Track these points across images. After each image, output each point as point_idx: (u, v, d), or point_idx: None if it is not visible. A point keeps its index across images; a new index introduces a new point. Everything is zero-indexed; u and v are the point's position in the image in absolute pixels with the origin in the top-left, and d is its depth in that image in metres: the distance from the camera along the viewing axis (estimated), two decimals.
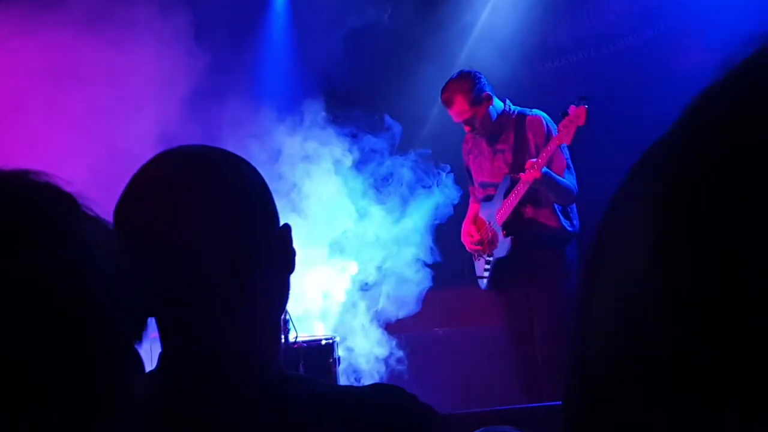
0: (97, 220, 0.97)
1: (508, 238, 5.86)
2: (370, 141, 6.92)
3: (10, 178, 0.93)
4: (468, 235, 6.20)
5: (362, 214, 6.88)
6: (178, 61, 6.98)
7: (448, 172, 6.77)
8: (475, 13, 8.40)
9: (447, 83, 5.88)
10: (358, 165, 6.96)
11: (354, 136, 6.96)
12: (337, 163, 6.92)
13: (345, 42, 7.86)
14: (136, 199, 1.54)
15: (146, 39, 6.94)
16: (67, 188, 0.96)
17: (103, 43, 6.77)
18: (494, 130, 5.90)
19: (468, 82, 5.79)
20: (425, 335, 7.17)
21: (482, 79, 5.85)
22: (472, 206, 6.31)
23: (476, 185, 6.24)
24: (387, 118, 6.97)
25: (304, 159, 7.02)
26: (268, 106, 7.44)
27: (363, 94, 7.71)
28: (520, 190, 5.71)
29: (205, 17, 7.30)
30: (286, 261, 1.63)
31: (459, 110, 5.80)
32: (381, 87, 7.92)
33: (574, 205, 5.84)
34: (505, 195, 5.85)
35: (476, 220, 6.19)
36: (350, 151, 6.93)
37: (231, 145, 6.32)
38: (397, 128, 6.93)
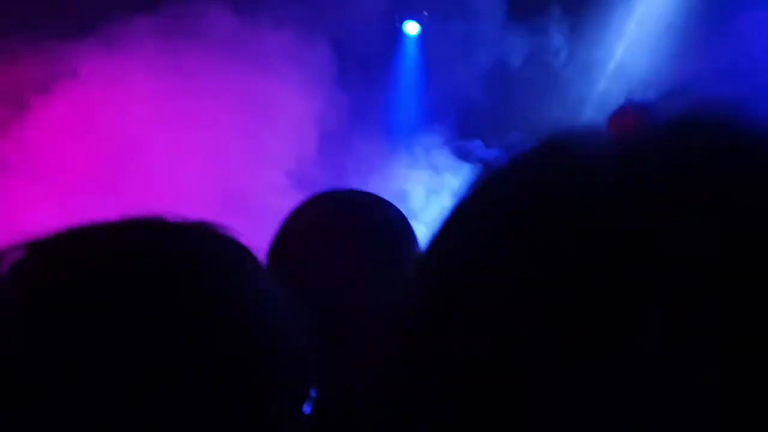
0: (268, 273, 1.01)
1: None
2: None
3: (198, 234, 0.96)
4: None
5: None
6: (313, 94, 7.13)
7: None
8: (608, 49, 8.31)
9: (617, 113, 5.78)
10: None
11: (485, 163, 6.89)
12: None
13: (476, 75, 7.88)
14: (291, 243, 1.60)
15: (283, 71, 7.11)
16: (241, 240, 0.99)
17: (238, 74, 6.96)
18: None
19: (630, 119, 5.68)
20: None
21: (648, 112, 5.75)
22: None
23: None
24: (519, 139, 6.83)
25: (434, 191, 7.03)
26: (400, 140, 7.51)
27: (492, 128, 7.68)
28: None
29: (339, 51, 7.45)
30: None
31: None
32: (511, 122, 7.87)
33: None
34: None
35: None
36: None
37: (359, 179, 6.43)
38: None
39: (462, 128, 7.54)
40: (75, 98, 7.00)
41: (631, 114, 5.64)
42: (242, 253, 0.98)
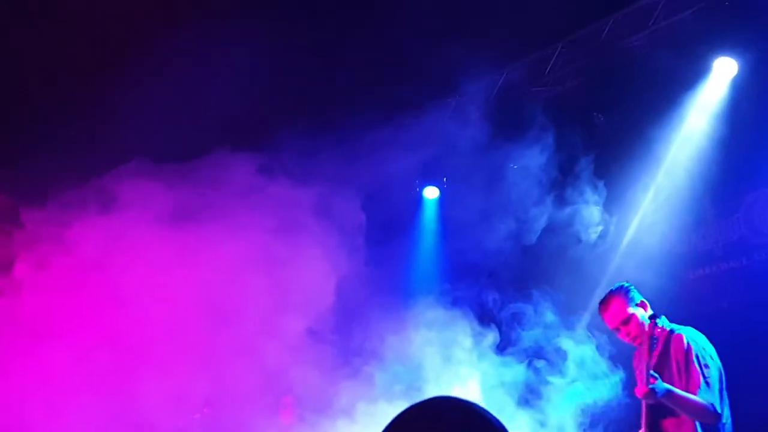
0: None
1: None
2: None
3: None
4: None
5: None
6: (336, 251, 7.28)
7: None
8: (624, 224, 8.51)
9: (603, 297, 6.09)
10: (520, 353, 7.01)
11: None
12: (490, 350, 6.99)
13: (491, 239, 8.04)
14: None
15: (308, 227, 7.30)
16: None
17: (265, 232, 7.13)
18: (651, 341, 5.98)
19: (622, 288, 6.01)
20: None
21: (636, 290, 6.07)
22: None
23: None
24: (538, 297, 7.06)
25: (449, 357, 7.12)
26: (415, 302, 7.64)
27: (509, 290, 7.81)
28: (644, 407, 5.76)
29: (364, 211, 7.68)
30: None
31: (615, 311, 5.92)
32: (527, 284, 7.98)
33: (724, 425, 5.69)
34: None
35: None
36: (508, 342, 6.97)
37: (371, 345, 6.47)
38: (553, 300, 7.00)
39: (479, 291, 7.68)
40: (69, 264, 6.97)
41: (613, 299, 5.97)
42: None
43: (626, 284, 6.12)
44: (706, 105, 8.09)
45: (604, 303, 6.04)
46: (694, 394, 5.59)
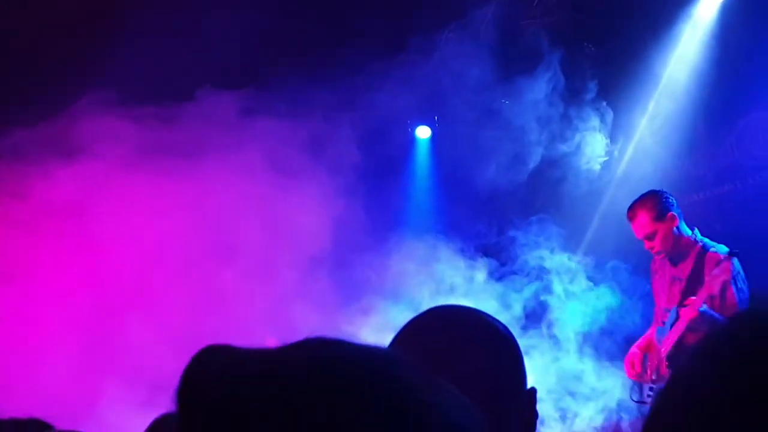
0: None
1: (669, 371, 5.77)
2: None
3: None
4: (630, 364, 6.09)
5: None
6: (333, 190, 7.29)
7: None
8: (620, 148, 8.52)
9: (634, 201, 5.95)
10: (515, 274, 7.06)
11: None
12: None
13: (487, 174, 8.05)
14: (408, 344, 1.73)
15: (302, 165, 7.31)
16: None
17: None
18: (676, 254, 5.88)
19: (653, 199, 5.85)
20: None
21: (669, 199, 5.89)
22: (651, 330, 6.22)
23: (657, 309, 6.19)
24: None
25: (441, 290, 7.15)
26: (411, 236, 7.69)
27: (504, 219, 7.83)
28: (680, 326, 5.68)
29: (358, 153, 7.69)
30: (531, 423, 1.72)
31: (641, 223, 5.79)
32: (519, 214, 8.01)
33: None
34: (671, 326, 5.80)
35: (649, 346, 6.08)
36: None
37: (368, 275, 6.49)
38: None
39: (475, 223, 7.72)
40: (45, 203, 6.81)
41: (640, 209, 5.82)
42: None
43: (657, 192, 5.97)
44: (697, 28, 8.04)
45: (631, 211, 5.90)
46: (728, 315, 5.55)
